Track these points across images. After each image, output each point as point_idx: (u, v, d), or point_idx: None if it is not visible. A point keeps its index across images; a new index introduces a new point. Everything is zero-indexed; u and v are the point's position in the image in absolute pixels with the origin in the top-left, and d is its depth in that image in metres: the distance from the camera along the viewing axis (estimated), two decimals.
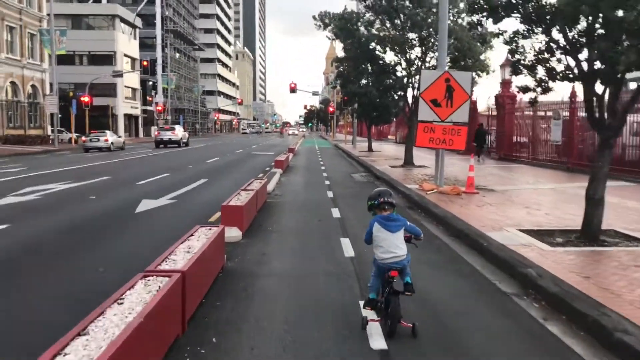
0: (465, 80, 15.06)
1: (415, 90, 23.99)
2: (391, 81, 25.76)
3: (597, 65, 8.68)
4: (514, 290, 6.62)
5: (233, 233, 8.68)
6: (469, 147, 36.46)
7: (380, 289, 5.13)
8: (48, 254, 8.27)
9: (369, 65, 28.03)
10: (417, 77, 23.58)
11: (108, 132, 46.10)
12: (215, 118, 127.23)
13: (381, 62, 25.58)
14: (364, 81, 37.63)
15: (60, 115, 54.39)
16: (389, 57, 26.87)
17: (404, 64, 23.79)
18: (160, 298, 4.26)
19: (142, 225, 10.40)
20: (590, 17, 8.14)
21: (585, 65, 8.92)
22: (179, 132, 47.61)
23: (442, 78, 14.97)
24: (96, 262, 7.54)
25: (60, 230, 9.90)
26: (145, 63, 50.19)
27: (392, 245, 4.97)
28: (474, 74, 22.84)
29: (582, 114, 21.05)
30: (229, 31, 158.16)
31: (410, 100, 24.26)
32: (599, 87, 8.81)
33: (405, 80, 24.41)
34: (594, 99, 8.90)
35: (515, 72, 10.31)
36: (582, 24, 8.76)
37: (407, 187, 15.86)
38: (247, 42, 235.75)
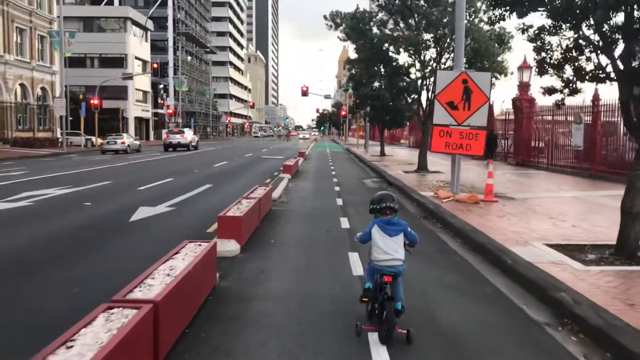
0: (484, 82, 14.17)
1: (430, 93, 23.15)
2: (404, 84, 24.87)
3: (636, 63, 7.81)
4: (546, 318, 5.75)
5: (230, 247, 7.86)
6: (486, 152, 36.16)
7: (374, 280, 5.10)
8: (16, 270, 7.36)
9: (381, 67, 27.18)
10: (432, 79, 22.75)
11: (125, 134, 47.40)
12: (227, 121, 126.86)
13: (394, 63, 24.70)
14: (376, 84, 36.92)
15: (70, 118, 54.14)
16: (403, 58, 25.97)
17: (418, 66, 22.91)
18: (120, 339, 3.44)
19: (133, 237, 9.59)
20: (636, 6, 7.24)
21: (620, 64, 8.05)
22: (188, 135, 47.00)
23: (459, 79, 14.09)
24: (70, 282, 6.72)
25: (40, 242, 9.08)
26: (155, 65, 49.46)
27: (391, 248, 4.96)
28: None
29: (606, 118, 20.08)
30: (242, 34, 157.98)
31: (424, 103, 23.37)
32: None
33: (419, 82, 23.52)
34: (631, 100, 8.01)
35: (541, 71, 9.44)
36: (620, 17, 7.89)
37: (421, 195, 14.97)
38: (259, 45, 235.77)
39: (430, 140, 14.46)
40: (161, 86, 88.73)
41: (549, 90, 9.43)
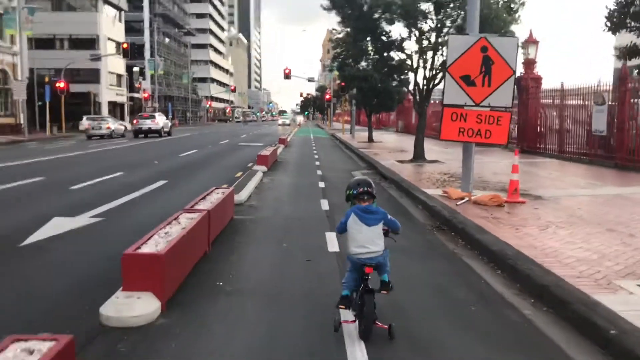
0: (509, 50, 11.06)
1: (427, 70, 20.01)
2: (397, 60, 21.66)
3: None
4: None
5: (142, 309, 4.69)
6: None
7: (355, 285, 4.63)
8: None
9: (369, 43, 23.95)
10: (430, 53, 19.59)
11: (110, 119, 46.34)
12: (208, 106, 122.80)
13: (386, 37, 21.42)
14: (363, 64, 33.73)
15: (39, 103, 50.24)
16: (396, 31, 22.67)
17: (414, 38, 19.67)
18: None
19: (6, 278, 6.33)
20: None
21: None
22: (160, 120, 43.43)
23: (477, 47, 10.97)
24: None
25: None
26: (125, 45, 45.61)
27: (367, 240, 4.52)
28: None
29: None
30: (223, 16, 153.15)
31: (421, 82, 20.21)
32: None
33: (415, 58, 20.33)
34: None
35: (618, 26, 6.34)
36: None
37: (426, 194, 11.89)
38: (241, 29, 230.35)
39: (440, 125, 11.35)
40: (137, 69, 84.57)
41: (632, 52, 6.34)
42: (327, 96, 71.61)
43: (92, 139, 40.12)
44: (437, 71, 19.47)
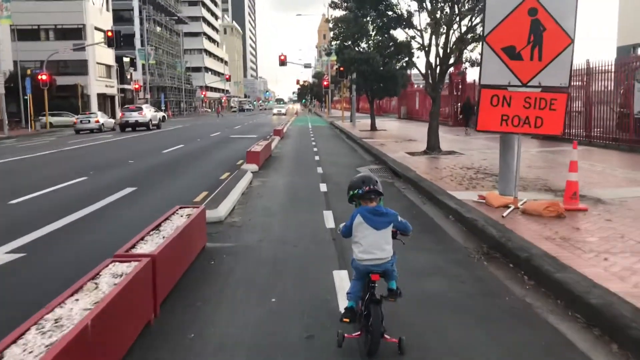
0: (566, 11, 8.45)
1: (439, 48, 17.36)
2: (405, 39, 19.02)
3: None
4: None
5: None
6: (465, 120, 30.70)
7: (360, 295, 4.17)
8: None
9: (373, 19, 21.30)
10: (444, 28, 16.93)
11: (99, 112, 45.09)
12: (202, 96, 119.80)
13: (390, 11, 18.73)
14: (364, 45, 31.09)
15: (26, 97, 47.49)
16: (403, 5, 19.94)
17: (427, 9, 16.97)
18: None
19: None
20: None
21: None
22: (147, 112, 40.69)
23: (523, 8, 8.39)
24: None
25: None
26: (110, 33, 42.63)
27: (374, 245, 4.05)
28: None
29: None
30: (216, 4, 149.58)
31: (433, 61, 17.55)
32: None
33: (427, 35, 17.66)
34: None
35: None
36: None
37: (458, 201, 9.35)
38: (236, 16, 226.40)
39: (476, 111, 8.78)
40: (127, 60, 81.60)
41: None
42: (325, 82, 68.85)
43: (80, 134, 38.56)
44: (455, 47, 16.84)
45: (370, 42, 29.77)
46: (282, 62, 61.50)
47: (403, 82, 32.13)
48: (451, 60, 17.52)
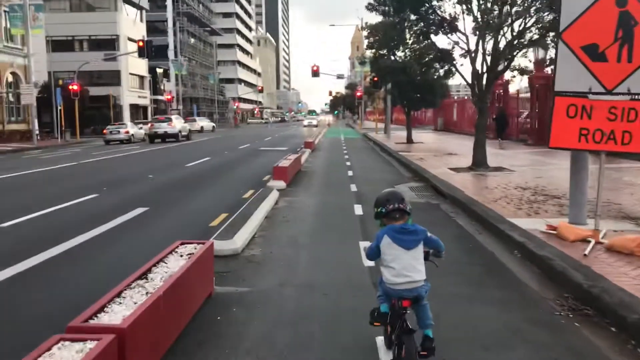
0: None
1: (486, 55, 15.76)
2: (448, 45, 17.45)
3: None
4: None
5: None
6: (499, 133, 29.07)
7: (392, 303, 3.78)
8: None
9: (412, 24, 19.81)
10: (491, 35, 15.30)
11: (128, 123, 44.71)
12: (235, 107, 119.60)
13: (433, 15, 17.20)
14: (400, 54, 29.60)
15: (60, 107, 47.35)
16: (448, 8, 18.29)
17: (475, 12, 15.38)
18: None
19: None
20: None
21: None
22: (177, 123, 39.83)
23: None
24: None
25: None
26: (140, 43, 41.95)
27: (408, 267, 3.67)
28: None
29: None
30: (250, 16, 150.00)
31: (479, 66, 15.95)
32: None
33: (473, 40, 16.08)
34: None
35: None
36: None
37: (522, 231, 7.75)
38: (269, 28, 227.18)
39: (549, 125, 7.20)
40: (160, 70, 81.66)
41: None
42: (358, 93, 67.40)
43: (110, 144, 38.16)
44: (504, 53, 15.22)
45: (406, 50, 28.35)
46: (315, 73, 60.48)
47: (442, 92, 30.49)
48: (500, 67, 15.90)
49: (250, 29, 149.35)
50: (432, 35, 18.08)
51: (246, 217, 8.49)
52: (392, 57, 29.34)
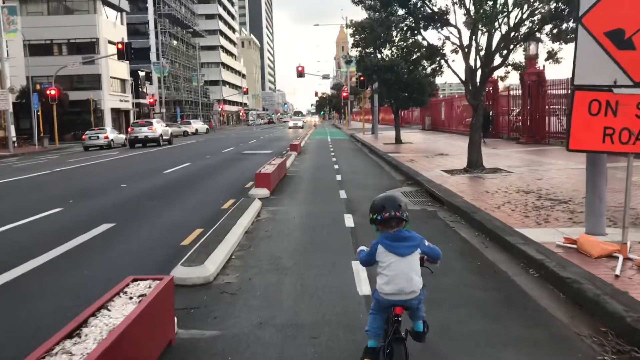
0: None
1: (480, 50, 14.85)
2: (439, 39, 16.51)
3: None
4: None
5: None
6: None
7: (382, 332, 3.67)
8: None
9: (400, 20, 18.87)
10: (485, 29, 14.36)
11: (108, 128, 43.56)
12: (220, 109, 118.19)
13: (422, 9, 16.25)
14: (387, 52, 28.71)
15: (37, 113, 45.89)
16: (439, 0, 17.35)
17: (467, 4, 14.42)
18: None
19: None
20: None
21: None
22: (158, 127, 38.58)
23: None
24: None
25: None
26: (120, 46, 40.62)
27: (401, 275, 3.51)
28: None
29: None
30: (233, 17, 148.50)
31: (473, 61, 15.02)
32: None
33: (466, 34, 15.15)
34: None
35: None
36: None
37: (538, 245, 6.79)
38: (253, 29, 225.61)
39: (568, 124, 6.24)
40: (142, 74, 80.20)
41: None
42: (344, 94, 66.44)
43: (89, 150, 36.90)
44: (502, 46, 14.31)
45: (393, 48, 27.46)
46: (300, 74, 59.49)
47: (430, 90, 29.62)
48: (495, 63, 15.00)
49: (233, 30, 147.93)
50: (421, 31, 17.17)
51: (223, 234, 7.47)
52: (379, 56, 28.48)
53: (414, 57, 20.59)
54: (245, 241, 7.89)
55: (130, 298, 3.97)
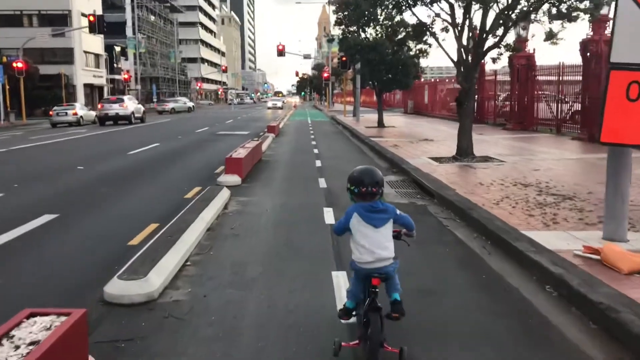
0: None
1: (472, 29, 13.69)
2: (432, 16, 15.28)
3: None
4: None
5: None
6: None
7: (362, 298, 3.85)
8: None
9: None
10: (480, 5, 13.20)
11: (77, 104, 41.92)
12: (197, 87, 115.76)
13: None
14: (371, 31, 27.47)
15: (4, 86, 43.68)
16: None
17: None
18: None
19: None
20: None
21: None
22: (130, 104, 36.87)
23: None
24: None
25: None
26: (92, 18, 38.39)
27: (376, 244, 3.71)
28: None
29: None
30: None
31: (466, 41, 13.86)
32: None
33: (459, 12, 13.95)
34: None
35: None
36: None
37: (553, 256, 5.69)
38: (234, 7, 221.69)
39: (601, 110, 5.12)
40: (118, 49, 77.71)
41: None
42: (325, 74, 65.05)
43: (57, 127, 35.20)
44: (498, 24, 13.16)
45: (377, 27, 26.23)
46: (280, 52, 57.93)
47: (415, 72, 28.45)
48: (489, 42, 13.85)
49: (213, 7, 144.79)
50: (410, 7, 15.96)
51: (179, 232, 6.27)
52: (363, 35, 27.22)
53: (400, 36, 19.41)
54: (206, 241, 6.69)
55: (16, 348, 2.76)
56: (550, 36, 12.86)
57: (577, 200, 8.57)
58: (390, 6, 17.55)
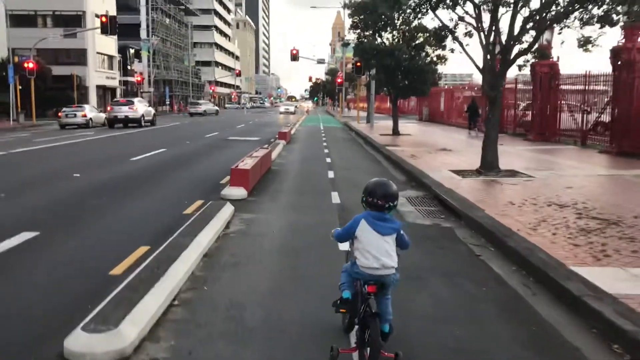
0: None
1: (500, 34, 12.68)
2: (456, 20, 14.30)
3: None
4: None
5: None
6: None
7: (354, 286, 3.90)
8: None
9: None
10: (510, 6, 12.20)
11: (87, 106, 41.18)
12: (211, 91, 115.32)
13: None
14: (387, 35, 26.50)
15: (20, 88, 43.20)
16: None
17: None
18: None
19: None
20: None
21: None
22: (140, 107, 36.14)
23: None
24: None
25: None
26: (104, 19, 37.86)
27: (382, 251, 3.75)
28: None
29: None
30: None
31: (492, 46, 12.85)
32: None
33: (486, 16, 12.94)
34: None
35: None
36: None
37: (618, 305, 4.68)
38: (249, 11, 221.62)
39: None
40: (132, 51, 77.37)
41: None
42: (339, 80, 64.09)
43: (66, 129, 34.49)
44: (530, 27, 12.14)
45: (394, 32, 25.29)
46: (294, 57, 57.05)
47: (432, 79, 27.44)
48: (516, 49, 12.82)
49: (229, 10, 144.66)
50: (429, 11, 15.03)
51: (167, 263, 5.33)
52: (378, 40, 26.28)
53: (418, 41, 18.50)
54: (201, 271, 5.74)
55: None
56: (587, 42, 11.80)
57: (624, 227, 7.56)
58: (409, 10, 16.64)
